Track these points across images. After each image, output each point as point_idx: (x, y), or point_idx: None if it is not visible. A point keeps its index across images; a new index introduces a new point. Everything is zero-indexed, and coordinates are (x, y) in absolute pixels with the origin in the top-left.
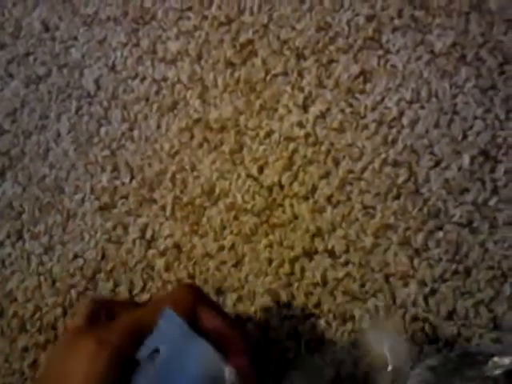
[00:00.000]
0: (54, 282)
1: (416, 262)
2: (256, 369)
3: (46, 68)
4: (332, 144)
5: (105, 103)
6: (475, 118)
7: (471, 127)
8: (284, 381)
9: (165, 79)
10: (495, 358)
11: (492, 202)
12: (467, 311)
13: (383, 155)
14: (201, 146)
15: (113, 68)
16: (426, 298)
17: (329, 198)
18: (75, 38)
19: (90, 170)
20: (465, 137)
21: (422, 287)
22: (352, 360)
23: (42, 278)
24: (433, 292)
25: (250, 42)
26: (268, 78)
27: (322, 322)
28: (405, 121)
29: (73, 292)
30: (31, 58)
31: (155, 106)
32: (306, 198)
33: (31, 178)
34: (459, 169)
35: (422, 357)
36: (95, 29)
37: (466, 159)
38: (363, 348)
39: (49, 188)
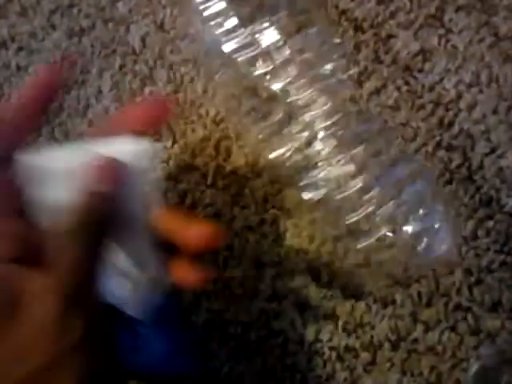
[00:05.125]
0: None
1: (463, 250)
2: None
3: (90, 21)
4: (385, 122)
5: (150, 62)
6: None
7: None
8: None
9: None
10: None
11: None
12: None
13: (438, 138)
14: (248, 114)
15: (161, 26)
16: (470, 288)
17: (378, 178)
18: None
19: None
20: None
21: (467, 276)
22: (390, 345)
23: None
24: (478, 282)
25: (307, 10)
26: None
27: (361, 305)
28: (462, 104)
29: None
30: (75, 10)
31: (203, 70)
32: (355, 177)
33: (68, 135)
34: None
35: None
36: None
37: None
38: None
39: None
